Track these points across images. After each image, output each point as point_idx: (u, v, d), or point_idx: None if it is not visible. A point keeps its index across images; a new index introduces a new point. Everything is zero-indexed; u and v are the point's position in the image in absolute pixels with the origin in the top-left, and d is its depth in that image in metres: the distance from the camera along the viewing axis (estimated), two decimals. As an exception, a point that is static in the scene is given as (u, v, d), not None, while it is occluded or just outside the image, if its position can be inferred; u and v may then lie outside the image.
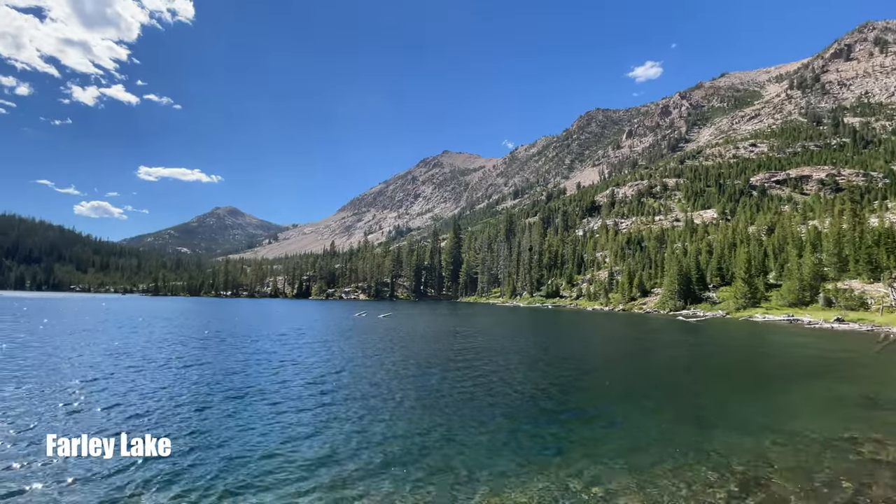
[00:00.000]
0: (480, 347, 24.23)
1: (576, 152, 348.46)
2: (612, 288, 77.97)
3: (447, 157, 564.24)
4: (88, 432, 9.22)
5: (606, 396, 14.38)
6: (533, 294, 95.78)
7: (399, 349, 23.34)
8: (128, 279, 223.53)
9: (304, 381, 14.83)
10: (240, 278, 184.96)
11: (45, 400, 11.82)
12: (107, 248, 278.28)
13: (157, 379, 14.82)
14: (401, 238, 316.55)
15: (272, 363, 18.08)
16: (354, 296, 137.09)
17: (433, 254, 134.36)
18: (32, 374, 14.99)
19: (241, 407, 11.67)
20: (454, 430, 10.07)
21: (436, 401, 12.59)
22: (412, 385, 14.67)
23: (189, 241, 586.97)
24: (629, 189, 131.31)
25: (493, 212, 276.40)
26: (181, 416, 10.71)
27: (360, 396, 12.98)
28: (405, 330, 34.92)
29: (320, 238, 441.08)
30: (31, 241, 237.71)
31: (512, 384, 14.96)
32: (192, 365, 17.48)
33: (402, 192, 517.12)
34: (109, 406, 11.38)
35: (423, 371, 17.12)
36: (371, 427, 10.16)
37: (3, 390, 12.67)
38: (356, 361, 19.05)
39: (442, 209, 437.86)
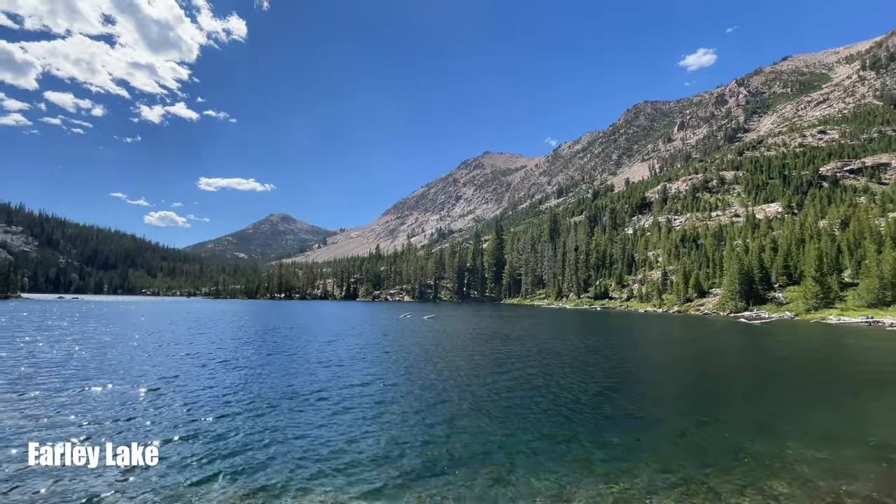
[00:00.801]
0: (529, 350, 23.94)
1: (623, 147, 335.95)
2: (665, 288, 74.42)
3: (488, 158, 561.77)
4: (166, 431, 10.07)
5: (667, 402, 13.78)
6: (580, 295, 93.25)
7: (447, 351, 23.53)
8: (191, 283, 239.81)
9: (360, 383, 15.25)
10: (292, 281, 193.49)
11: (129, 400, 12.96)
12: (173, 255, 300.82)
13: (223, 380, 15.79)
14: (443, 240, 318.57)
15: (328, 364, 18.76)
16: (399, 297, 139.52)
17: (475, 255, 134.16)
18: (118, 374, 16.50)
19: (303, 407, 12.16)
20: (511, 435, 10.00)
21: (490, 404, 12.57)
22: (464, 388, 14.72)
23: (245, 246, 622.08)
24: (682, 184, 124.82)
25: (537, 211, 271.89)
26: (247, 416, 11.37)
27: (415, 399, 13.18)
28: (451, 332, 35.14)
29: (366, 242, 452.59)
30: (108, 249, 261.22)
31: (566, 389, 14.66)
32: (256, 366, 18.47)
33: (444, 195, 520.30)
34: (184, 405, 12.28)
35: (473, 374, 17.16)
36: (429, 430, 10.26)
37: (108, 386, 14.06)
38: (408, 364, 19.40)
39: (483, 210, 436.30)
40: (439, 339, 29.30)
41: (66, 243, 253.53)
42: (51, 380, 14.54)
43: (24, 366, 16.99)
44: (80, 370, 16.44)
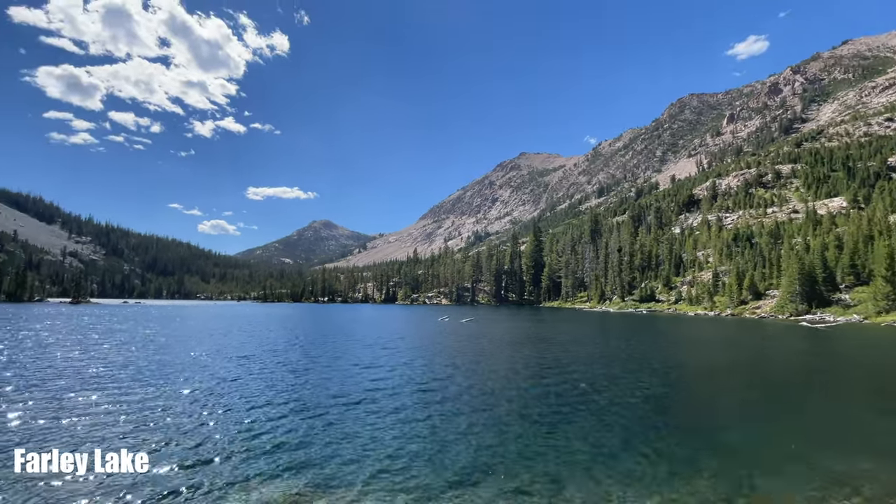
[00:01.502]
0: (574, 355, 23.35)
1: (668, 143, 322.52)
2: (717, 290, 70.53)
3: (524, 159, 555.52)
4: (222, 431, 10.59)
5: (726, 412, 13.00)
6: (624, 298, 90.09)
7: (489, 356, 23.36)
8: (241, 288, 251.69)
9: (407, 387, 15.31)
10: (335, 285, 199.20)
11: (186, 400, 13.75)
12: (224, 261, 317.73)
13: (278, 382, 16.32)
14: (479, 243, 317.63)
15: (374, 368, 19.01)
16: (437, 301, 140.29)
17: (513, 258, 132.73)
18: (184, 376, 17.56)
19: (353, 409, 12.34)
20: (562, 444, 9.67)
21: (538, 411, 12.22)
22: (510, 393, 14.46)
23: (291, 252, 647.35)
24: (734, 179, 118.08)
25: (576, 212, 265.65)
26: (302, 418, 11.73)
27: (462, 405, 13.04)
28: (491, 336, 34.90)
29: (404, 246, 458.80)
30: (166, 257, 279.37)
31: (617, 396, 14.04)
32: (308, 369, 19.04)
33: (480, 198, 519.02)
34: (245, 406, 12.88)
35: (517, 379, 16.87)
36: (478, 436, 10.07)
37: (172, 387, 15.03)
38: (450, 368, 19.35)
39: (521, 212, 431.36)
40: (479, 343, 29.16)
41: (130, 252, 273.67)
42: (119, 381, 15.61)
43: (95, 367, 18.40)
44: (147, 372, 17.58)
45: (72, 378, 15.55)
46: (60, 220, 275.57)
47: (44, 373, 16.42)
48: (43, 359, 19.71)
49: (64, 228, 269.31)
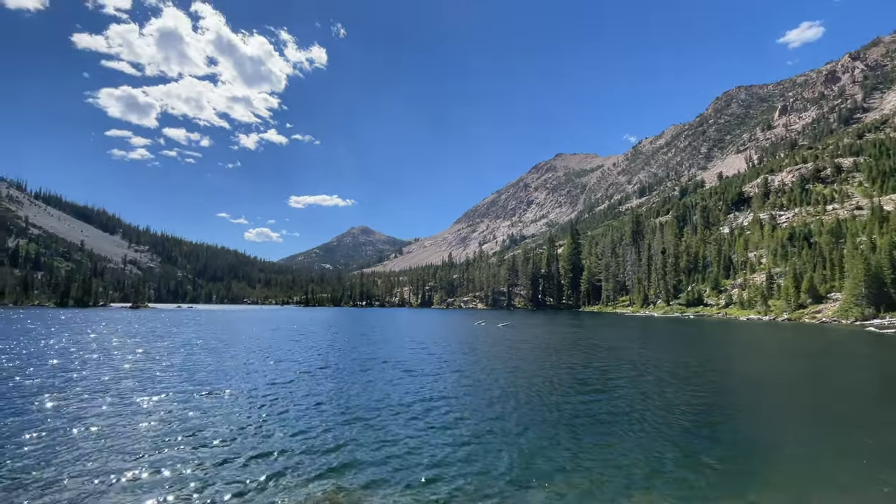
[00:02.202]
0: (620, 361, 22.63)
1: (713, 139, 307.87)
2: (771, 294, 66.35)
3: (560, 160, 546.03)
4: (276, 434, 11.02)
5: (792, 426, 12.19)
6: (669, 302, 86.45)
7: (529, 362, 23.03)
8: (285, 293, 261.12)
9: (449, 391, 15.30)
10: (372, 290, 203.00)
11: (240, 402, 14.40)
12: (269, 267, 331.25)
13: (325, 386, 16.77)
14: (515, 247, 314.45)
15: (415, 374, 19.02)
16: (473, 305, 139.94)
17: (550, 261, 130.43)
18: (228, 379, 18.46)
19: (397, 414, 12.38)
20: (614, 455, 9.28)
21: (586, 420, 11.86)
22: (554, 399, 14.16)
23: (330, 258, 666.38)
24: (788, 175, 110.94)
25: (616, 213, 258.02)
26: (344, 422, 11.99)
27: (506, 412, 12.83)
28: (529, 341, 34.43)
29: (439, 250, 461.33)
30: (216, 264, 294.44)
31: (670, 408, 13.29)
32: (351, 373, 19.43)
33: (515, 200, 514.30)
34: (296, 409, 13.34)
35: (561, 385, 16.41)
36: (523, 447, 9.81)
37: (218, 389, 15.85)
38: (492, 374, 19.16)
39: (557, 214, 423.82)
40: (519, 348, 28.83)
41: (183, 259, 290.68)
42: (178, 383, 16.58)
43: (156, 369, 19.65)
44: (203, 374, 18.58)
45: (136, 380, 16.65)
46: (122, 231, 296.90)
47: (111, 374, 17.69)
48: (109, 361, 21.25)
49: (125, 238, 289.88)
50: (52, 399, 13.20)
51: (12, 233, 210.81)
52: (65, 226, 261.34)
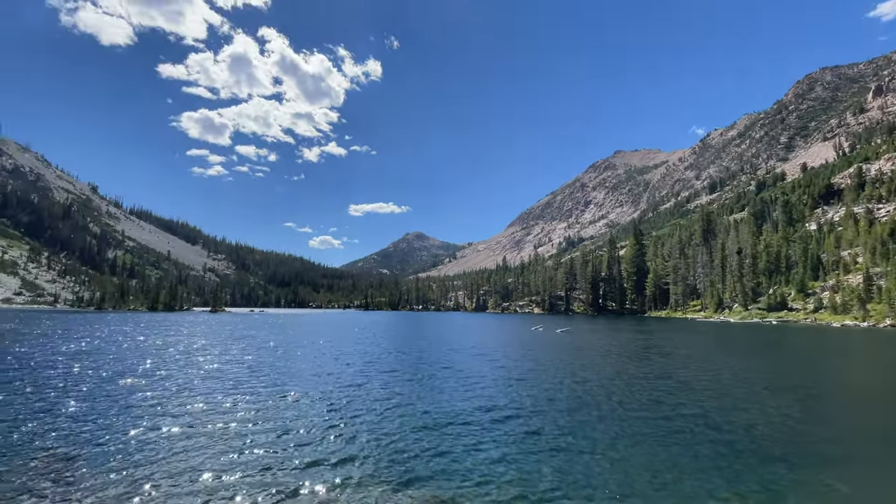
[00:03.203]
0: (697, 372, 20.77)
1: (795, 127, 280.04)
2: (871, 297, 58.77)
3: (620, 158, 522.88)
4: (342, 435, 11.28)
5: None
6: (748, 307, 79.37)
7: (597, 369, 21.93)
8: (346, 297, 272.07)
9: (519, 400, 14.77)
10: (427, 294, 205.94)
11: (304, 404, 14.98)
12: (331, 273, 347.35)
13: (398, 390, 17.00)
14: (572, 249, 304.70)
15: (479, 378, 18.74)
16: (529, 309, 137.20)
17: (611, 263, 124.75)
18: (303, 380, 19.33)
19: (467, 424, 12.00)
20: (710, 483, 8.30)
21: (663, 440, 10.73)
22: (631, 412, 13.19)
23: (387, 263, 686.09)
24: (887, 163, 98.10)
25: (683, 211, 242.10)
26: (414, 429, 12.06)
27: (582, 422, 12.15)
28: (595, 347, 32.98)
29: (492, 254, 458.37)
30: (283, 270, 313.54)
31: (759, 424, 12.03)
32: (413, 379, 19.65)
33: (571, 201, 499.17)
34: (372, 413, 13.67)
35: (636, 397, 15.26)
36: (616, 464, 9.04)
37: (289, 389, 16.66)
38: (560, 381, 18.37)
39: (618, 214, 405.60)
40: (583, 356, 27.65)
41: (255, 266, 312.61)
42: (256, 386, 17.53)
43: (239, 371, 21.05)
44: (277, 376, 19.58)
45: (220, 380, 17.81)
46: (202, 241, 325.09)
47: (197, 374, 19.15)
48: (196, 362, 23.09)
49: (204, 248, 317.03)
50: (144, 398, 14.42)
51: (111, 245, 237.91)
52: (154, 238, 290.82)
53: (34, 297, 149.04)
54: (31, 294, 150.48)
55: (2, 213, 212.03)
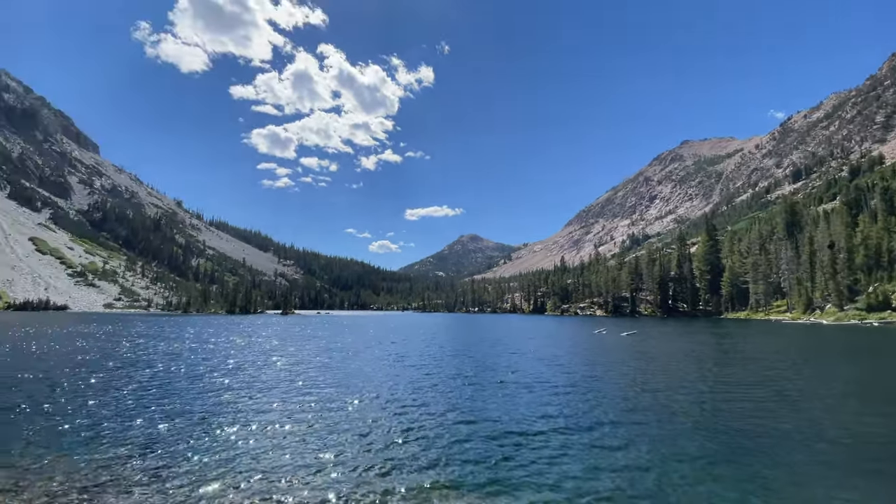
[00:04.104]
0: (797, 380, 18.74)
1: (892, 104, 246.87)
2: None
3: (688, 148, 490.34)
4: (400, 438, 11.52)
5: None
6: (843, 307, 70.94)
7: (677, 377, 20.53)
8: (404, 299, 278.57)
9: (593, 409, 13.90)
10: (483, 296, 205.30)
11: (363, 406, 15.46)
12: (390, 276, 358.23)
13: (457, 397, 16.87)
14: (637, 247, 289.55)
15: (547, 384, 18.03)
16: (590, 311, 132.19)
17: (681, 261, 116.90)
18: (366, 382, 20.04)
19: (553, 434, 11.35)
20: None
21: (783, 451, 9.73)
22: (732, 426, 11.76)
23: (443, 266, 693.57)
24: None
25: (763, 203, 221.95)
26: (486, 436, 11.79)
27: (674, 432, 11.32)
28: (668, 352, 31.06)
29: (550, 254, 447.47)
30: (346, 275, 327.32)
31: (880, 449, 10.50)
32: (481, 384, 19.54)
33: (634, 197, 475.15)
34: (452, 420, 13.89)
35: (731, 409, 13.88)
36: (721, 482, 8.25)
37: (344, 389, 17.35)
38: (633, 389, 17.26)
39: (687, 209, 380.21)
40: (655, 361, 26.09)
41: (320, 271, 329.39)
42: (326, 389, 18.38)
43: (308, 372, 22.24)
44: (346, 377, 20.46)
45: (294, 380, 18.92)
46: (273, 249, 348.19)
47: (274, 374, 20.46)
48: (271, 363, 24.72)
49: (275, 255, 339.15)
50: (230, 395, 15.58)
51: (194, 254, 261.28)
52: (231, 246, 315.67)
53: (131, 301, 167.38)
54: (129, 299, 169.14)
55: (102, 227, 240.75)
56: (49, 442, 10.09)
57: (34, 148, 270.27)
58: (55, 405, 13.56)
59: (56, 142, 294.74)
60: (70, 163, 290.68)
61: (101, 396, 14.93)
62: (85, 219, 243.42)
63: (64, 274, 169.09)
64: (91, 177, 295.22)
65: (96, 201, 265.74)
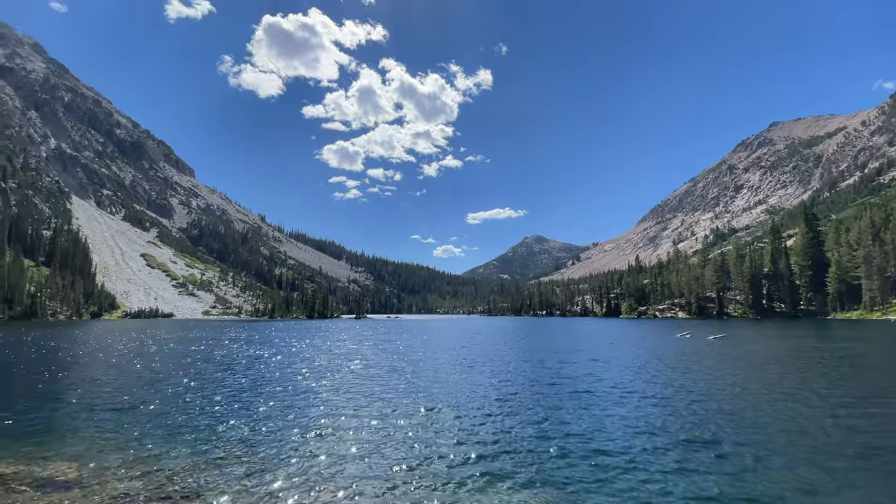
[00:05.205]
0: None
1: None
2: None
3: (778, 130, 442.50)
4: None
5: None
6: None
7: (782, 385, 18.55)
8: (469, 303, 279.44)
9: (695, 426, 12.73)
10: (551, 299, 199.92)
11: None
12: (454, 280, 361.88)
13: (545, 408, 16.77)
14: (722, 242, 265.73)
15: (638, 394, 17.21)
16: (671, 313, 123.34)
17: (776, 257, 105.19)
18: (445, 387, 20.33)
19: (655, 454, 10.37)
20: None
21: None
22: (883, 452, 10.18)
23: (507, 268, 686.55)
24: None
25: (874, 186, 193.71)
26: (583, 453, 11.67)
27: (813, 459, 9.91)
28: (766, 358, 28.10)
29: (622, 254, 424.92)
30: (413, 280, 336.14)
31: None
32: (568, 393, 19.13)
33: (717, 188, 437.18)
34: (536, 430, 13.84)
35: (869, 428, 12.05)
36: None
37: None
38: (753, 402, 15.88)
39: (780, 198, 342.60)
40: (754, 368, 23.70)
41: (389, 277, 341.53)
42: (405, 389, 18.71)
43: (386, 374, 23.07)
44: (424, 383, 20.68)
45: (374, 383, 19.63)
46: (345, 257, 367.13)
47: (349, 380, 21.40)
48: (351, 365, 25.96)
49: (347, 262, 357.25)
50: (317, 396, 16.54)
51: (277, 264, 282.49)
52: (308, 256, 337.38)
53: (224, 309, 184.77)
54: (223, 307, 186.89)
55: (199, 242, 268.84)
56: (146, 438, 11.33)
57: (142, 175, 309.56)
58: (157, 403, 15.27)
59: (159, 168, 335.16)
60: (171, 186, 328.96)
61: (199, 396, 16.58)
62: (185, 235, 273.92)
63: (169, 285, 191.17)
64: (189, 198, 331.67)
65: (193, 220, 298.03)
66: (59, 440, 11.06)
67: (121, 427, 12.26)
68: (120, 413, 13.91)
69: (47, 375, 21.41)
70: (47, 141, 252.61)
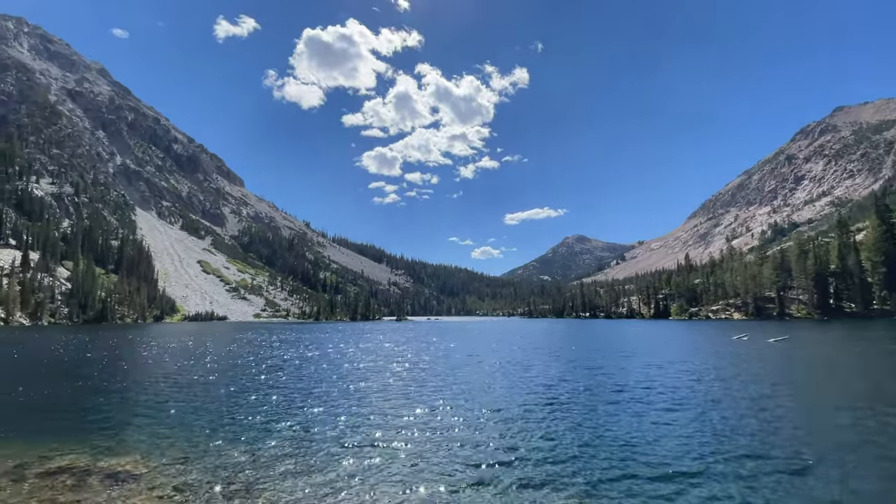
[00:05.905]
0: None
1: None
2: None
3: (842, 116, 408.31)
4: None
5: None
6: None
7: (857, 394, 17.17)
8: (509, 305, 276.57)
9: (761, 442, 11.64)
10: (595, 300, 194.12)
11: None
12: (493, 282, 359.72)
13: (601, 422, 16.58)
14: (781, 238, 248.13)
15: (697, 404, 16.72)
16: (726, 314, 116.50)
17: (843, 253, 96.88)
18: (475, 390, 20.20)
19: (714, 470, 10.52)
20: None
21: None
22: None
23: (548, 269, 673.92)
24: None
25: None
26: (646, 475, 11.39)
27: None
28: (834, 363, 25.91)
29: (670, 252, 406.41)
30: (452, 282, 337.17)
31: None
32: (618, 402, 18.59)
33: (774, 179, 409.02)
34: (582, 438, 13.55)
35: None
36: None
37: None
38: (810, 409, 14.85)
39: (847, 188, 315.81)
40: (825, 375, 21.94)
41: (428, 279, 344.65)
42: (450, 392, 18.86)
43: (428, 377, 23.20)
44: (471, 387, 20.78)
45: (418, 385, 19.81)
46: (386, 260, 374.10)
47: (393, 382, 21.67)
48: (393, 368, 26.34)
49: (388, 265, 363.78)
50: (363, 397, 16.93)
51: (321, 268, 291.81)
52: (351, 260, 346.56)
53: (273, 312, 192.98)
54: (272, 310, 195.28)
55: (249, 249, 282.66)
56: (207, 434, 11.94)
57: (197, 187, 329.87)
58: (217, 402, 16.11)
59: (212, 180, 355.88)
60: (223, 196, 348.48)
61: (255, 395, 17.35)
62: (236, 242, 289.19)
63: (223, 290, 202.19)
64: (239, 207, 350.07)
65: (244, 227, 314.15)
66: (125, 435, 11.91)
67: (183, 423, 13.04)
68: (182, 410, 14.81)
69: (117, 374, 23.15)
70: (114, 158, 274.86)
